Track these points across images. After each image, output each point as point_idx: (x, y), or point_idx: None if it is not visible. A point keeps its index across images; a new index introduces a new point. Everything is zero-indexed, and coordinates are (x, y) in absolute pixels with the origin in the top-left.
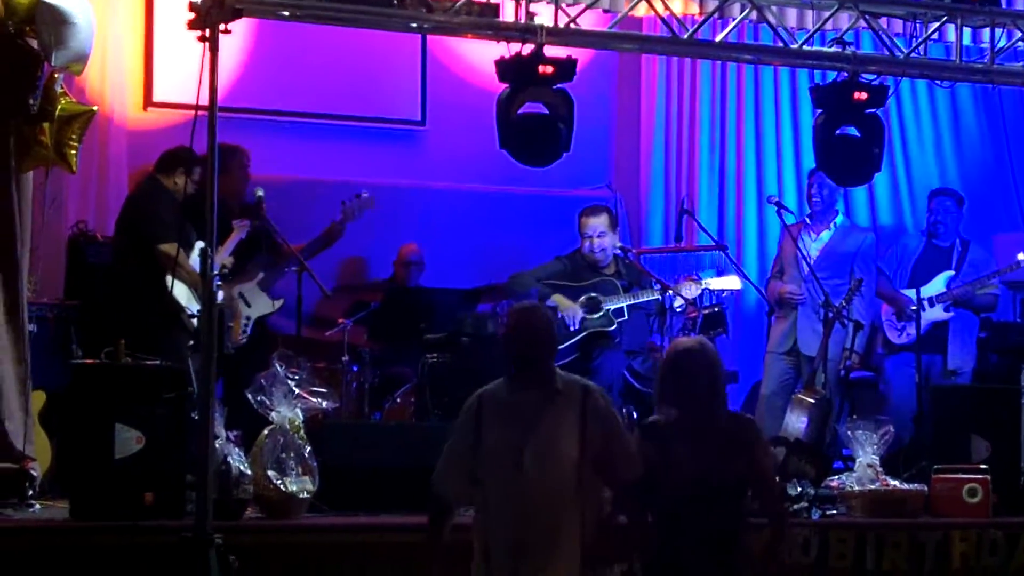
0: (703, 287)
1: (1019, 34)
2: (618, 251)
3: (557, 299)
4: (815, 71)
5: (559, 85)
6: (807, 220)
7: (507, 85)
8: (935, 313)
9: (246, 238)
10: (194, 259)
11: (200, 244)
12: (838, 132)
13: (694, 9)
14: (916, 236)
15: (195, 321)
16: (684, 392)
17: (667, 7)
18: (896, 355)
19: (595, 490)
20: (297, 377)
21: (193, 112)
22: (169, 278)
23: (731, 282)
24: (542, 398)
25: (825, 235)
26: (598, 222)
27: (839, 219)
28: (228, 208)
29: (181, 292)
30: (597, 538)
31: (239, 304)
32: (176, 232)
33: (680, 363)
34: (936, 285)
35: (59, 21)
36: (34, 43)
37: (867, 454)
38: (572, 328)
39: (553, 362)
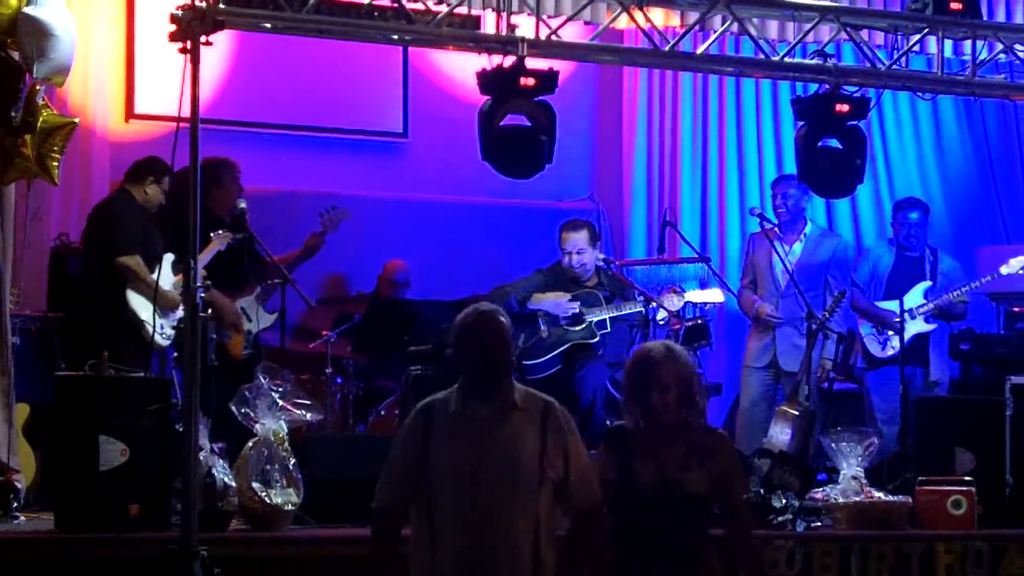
0: (685, 300)
1: (1000, 46)
2: (601, 263)
3: (540, 298)
4: (797, 83)
5: (541, 97)
6: (778, 231)
7: (489, 97)
8: (917, 325)
9: (225, 250)
10: (163, 271)
11: (169, 256)
12: (820, 144)
13: (675, 21)
14: (884, 246)
15: (159, 338)
16: (650, 399)
17: (648, 19)
18: (879, 369)
19: (554, 515)
20: (281, 389)
21: (175, 124)
22: (131, 292)
23: (714, 295)
24: (498, 412)
25: (797, 247)
26: (578, 237)
27: (808, 228)
28: (212, 220)
29: (140, 305)
30: (556, 566)
31: (242, 319)
32: (140, 245)
33: (648, 368)
34: (915, 296)
35: (40, 33)
36: (15, 55)
37: (851, 466)
38: (568, 315)
39: (511, 372)
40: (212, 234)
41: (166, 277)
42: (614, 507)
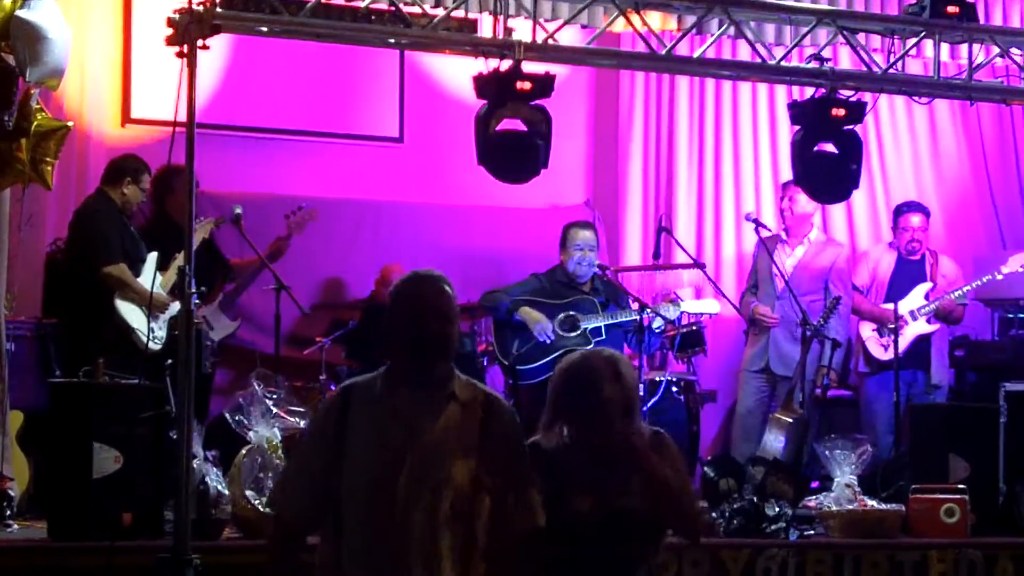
0: (682, 310)
1: (997, 50)
2: (596, 269)
3: (524, 312)
4: (793, 87)
5: (537, 101)
6: (782, 235)
7: (485, 101)
8: (919, 326)
9: (209, 239)
10: (146, 272)
11: (153, 255)
12: (816, 148)
13: (672, 25)
14: (884, 249)
15: (149, 342)
16: (591, 414)
17: (645, 23)
18: (881, 373)
19: (495, 537)
20: (275, 396)
21: (171, 128)
22: (119, 300)
23: (710, 305)
24: (430, 402)
25: (799, 250)
26: (588, 235)
27: (813, 233)
28: (172, 226)
29: (129, 312)
30: None
31: (204, 328)
32: (123, 251)
33: (586, 377)
34: (916, 298)
35: (33, 37)
36: (9, 59)
37: (844, 473)
38: (545, 341)
39: (450, 354)
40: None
41: (150, 277)
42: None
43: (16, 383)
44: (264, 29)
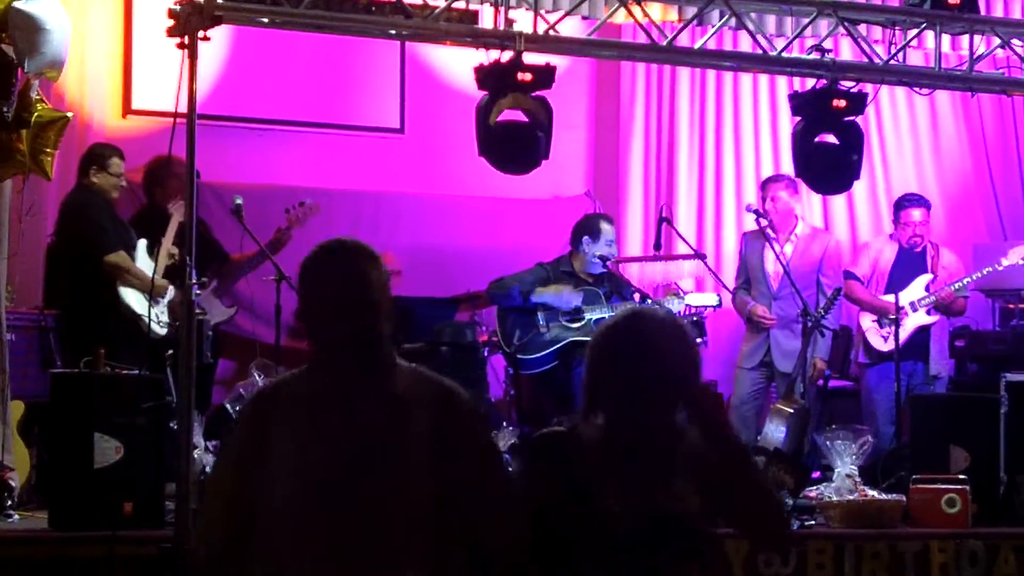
0: (684, 303)
1: (998, 41)
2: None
3: (544, 291)
4: (794, 78)
5: (538, 92)
6: (770, 233)
7: (486, 92)
8: (919, 318)
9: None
10: (139, 258)
11: (143, 242)
12: (817, 140)
13: (673, 16)
14: (885, 241)
15: (155, 327)
16: (639, 390)
17: (646, 14)
18: (881, 364)
19: (457, 562)
20: None
21: (172, 119)
22: (123, 288)
23: (710, 299)
24: (372, 397)
25: (788, 247)
26: (613, 229)
27: (799, 228)
28: (158, 214)
29: (134, 300)
30: None
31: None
32: (117, 238)
33: (640, 343)
34: (916, 289)
35: (32, 27)
36: (8, 50)
37: (845, 464)
38: (572, 305)
39: (389, 338)
40: (170, 206)
41: (144, 263)
42: (553, 554)
43: (17, 373)
44: (265, 20)
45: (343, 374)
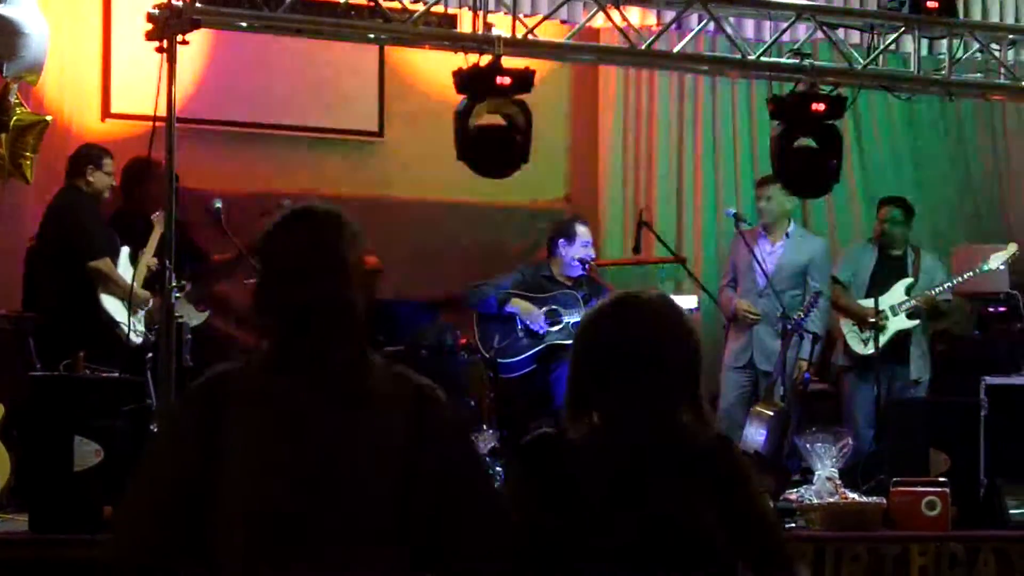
0: None
1: (976, 45)
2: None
3: (518, 303)
4: (773, 82)
5: (517, 96)
6: (761, 231)
7: (465, 96)
8: (900, 322)
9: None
10: (122, 265)
11: (126, 249)
12: (796, 143)
13: (651, 20)
14: (865, 245)
15: (132, 336)
16: (633, 386)
17: (624, 18)
18: (861, 368)
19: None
20: None
21: (151, 123)
22: (103, 295)
23: (689, 302)
24: (332, 397)
25: (778, 246)
26: (588, 231)
27: (792, 228)
28: (141, 216)
29: (114, 307)
30: None
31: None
32: (104, 244)
33: (634, 332)
34: (897, 293)
35: (10, 32)
36: None
37: (825, 467)
38: (540, 331)
39: (362, 323)
40: (152, 217)
41: (125, 271)
42: (549, 565)
43: None
44: (244, 24)
45: (308, 363)
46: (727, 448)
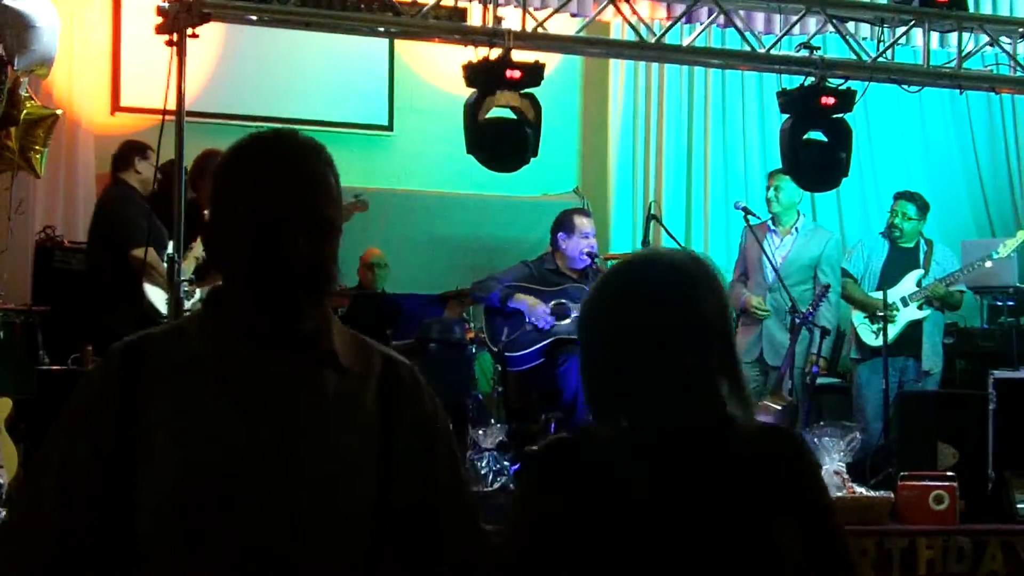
0: None
1: (986, 38)
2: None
3: (522, 299)
4: (783, 75)
5: (527, 89)
6: (770, 224)
7: (474, 89)
8: (911, 312)
9: None
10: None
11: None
12: (805, 137)
13: (661, 14)
14: (878, 238)
15: None
16: (661, 359)
17: (635, 11)
18: (872, 359)
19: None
20: None
21: (161, 117)
22: (148, 285)
23: None
24: (295, 369)
25: (788, 240)
26: (591, 222)
27: (801, 222)
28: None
29: (158, 298)
30: None
31: None
32: (145, 234)
33: (655, 299)
34: (908, 284)
35: (22, 25)
36: None
37: (833, 460)
38: (545, 327)
39: (328, 290)
40: (205, 212)
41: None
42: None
43: (5, 370)
44: (253, 18)
45: (264, 334)
46: (797, 447)
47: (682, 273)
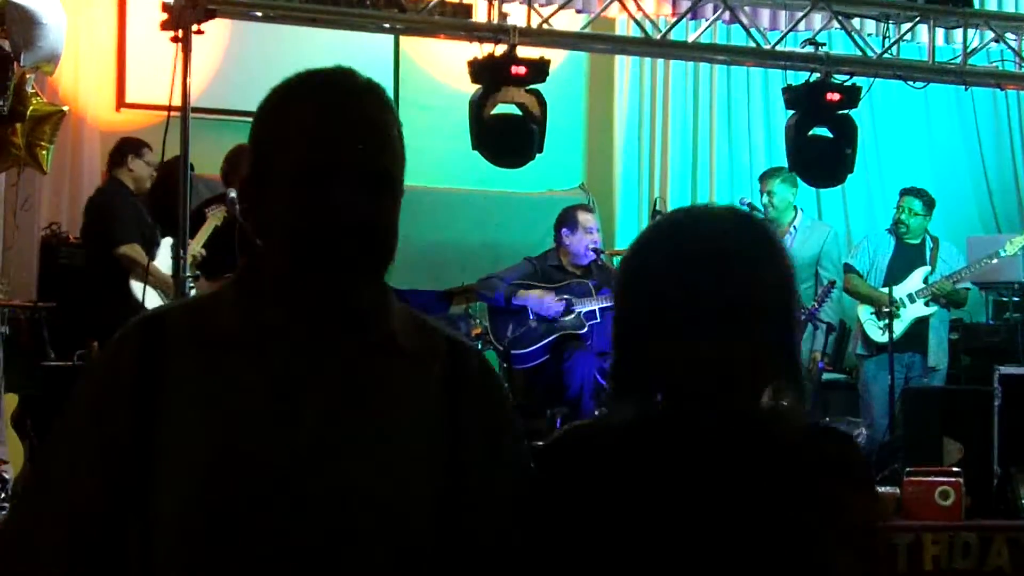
0: None
1: (991, 35)
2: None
3: (528, 294)
4: (788, 72)
5: (532, 86)
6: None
7: (480, 86)
8: (917, 309)
9: (223, 226)
10: (162, 256)
11: (168, 240)
12: (811, 133)
13: (667, 10)
14: (884, 235)
15: None
16: (703, 333)
17: (640, 7)
18: (879, 355)
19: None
20: None
21: (166, 113)
22: (133, 282)
23: None
24: (348, 354)
25: (787, 239)
26: (594, 217)
27: (799, 219)
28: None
29: (149, 295)
30: None
31: None
32: (137, 232)
33: (703, 263)
34: (914, 281)
35: (28, 21)
36: (4, 44)
37: None
38: (555, 316)
39: (388, 264)
40: (206, 210)
41: (165, 261)
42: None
43: (10, 366)
44: (259, 14)
45: (313, 314)
46: (853, 456)
47: (733, 236)
